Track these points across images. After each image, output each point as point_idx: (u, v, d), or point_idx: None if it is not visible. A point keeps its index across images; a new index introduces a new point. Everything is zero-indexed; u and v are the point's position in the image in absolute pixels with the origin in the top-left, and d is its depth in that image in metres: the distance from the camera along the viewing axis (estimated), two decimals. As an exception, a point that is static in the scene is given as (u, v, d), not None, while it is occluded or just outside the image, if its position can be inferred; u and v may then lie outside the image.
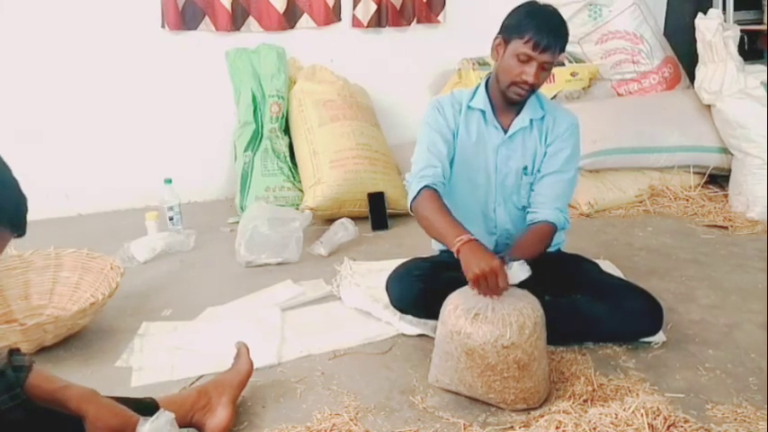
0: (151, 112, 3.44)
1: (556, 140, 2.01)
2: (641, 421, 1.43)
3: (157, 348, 2.08)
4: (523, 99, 1.94)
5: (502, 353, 1.62)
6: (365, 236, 3.02)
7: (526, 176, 2.04)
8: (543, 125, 2.02)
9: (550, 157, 2.02)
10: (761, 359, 1.90)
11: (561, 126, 2.02)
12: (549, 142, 2.02)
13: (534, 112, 2.01)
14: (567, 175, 2.03)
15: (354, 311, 2.28)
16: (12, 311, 2.26)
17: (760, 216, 3.06)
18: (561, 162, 2.01)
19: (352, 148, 3.22)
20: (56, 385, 1.25)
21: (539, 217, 1.99)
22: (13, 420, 1.18)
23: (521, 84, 1.88)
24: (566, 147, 2.02)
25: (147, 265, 2.76)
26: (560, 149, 2.01)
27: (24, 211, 0.98)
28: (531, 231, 1.98)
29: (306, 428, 1.64)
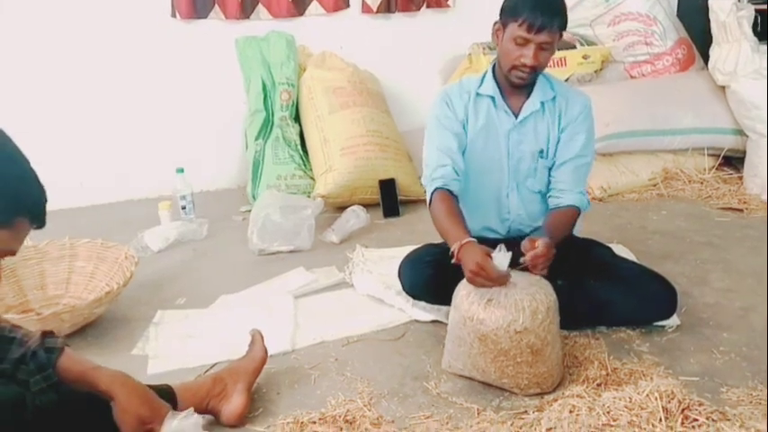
0: (162, 102, 3.44)
1: (570, 125, 2.00)
2: (655, 404, 1.42)
3: (172, 336, 2.10)
4: (527, 82, 1.92)
5: (515, 338, 1.62)
6: (377, 223, 3.02)
7: (542, 160, 2.02)
8: (555, 108, 2.00)
9: (567, 143, 2.00)
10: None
11: (574, 109, 2.00)
12: (562, 127, 2.00)
13: (544, 93, 1.99)
14: (586, 159, 2.02)
15: (367, 298, 2.29)
16: (28, 301, 2.28)
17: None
18: (579, 147, 2.00)
19: (362, 135, 3.21)
20: (86, 366, 1.26)
21: (563, 202, 1.98)
22: (46, 402, 1.20)
23: (521, 67, 1.87)
24: (581, 131, 2.00)
25: (160, 254, 2.78)
26: (576, 134, 2.00)
27: (44, 203, 0.99)
28: (558, 215, 1.97)
29: (320, 414, 1.65)
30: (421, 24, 3.79)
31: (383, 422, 1.63)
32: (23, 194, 0.95)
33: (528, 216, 2.09)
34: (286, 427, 1.61)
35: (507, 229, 2.10)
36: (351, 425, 1.62)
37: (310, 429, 1.60)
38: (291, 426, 1.62)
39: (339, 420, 1.63)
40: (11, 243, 0.95)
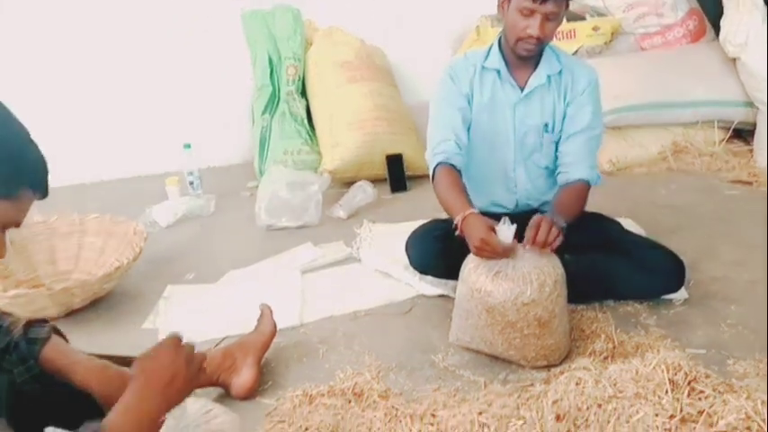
0: (170, 78, 3.44)
1: (576, 98, 1.98)
2: (662, 377, 1.43)
3: (182, 311, 2.12)
4: (534, 53, 1.90)
5: (522, 310, 1.62)
6: (384, 198, 3.02)
7: (547, 134, 2.01)
8: (561, 81, 1.98)
9: (574, 116, 1.98)
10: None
11: (580, 83, 1.98)
12: (568, 101, 1.98)
13: (551, 66, 1.97)
14: (595, 132, 2.00)
15: (374, 273, 2.30)
16: (38, 276, 2.31)
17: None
18: (587, 120, 1.98)
19: (370, 110, 3.20)
20: (67, 360, 1.22)
21: (573, 176, 1.96)
22: (30, 393, 1.18)
23: (527, 39, 1.84)
24: (588, 103, 1.98)
25: (168, 229, 2.80)
26: (583, 106, 1.98)
27: (45, 172, 0.97)
28: (568, 191, 1.95)
29: (329, 387, 1.67)
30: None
31: (391, 395, 1.65)
32: (25, 165, 0.94)
33: (536, 190, 2.08)
34: (295, 400, 1.63)
35: (515, 204, 2.10)
36: (359, 397, 1.64)
37: (319, 402, 1.61)
38: (300, 398, 1.64)
39: (347, 393, 1.65)
40: (15, 214, 0.94)
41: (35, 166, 0.95)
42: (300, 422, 1.54)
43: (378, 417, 1.54)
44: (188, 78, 3.46)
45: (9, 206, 0.92)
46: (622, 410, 1.36)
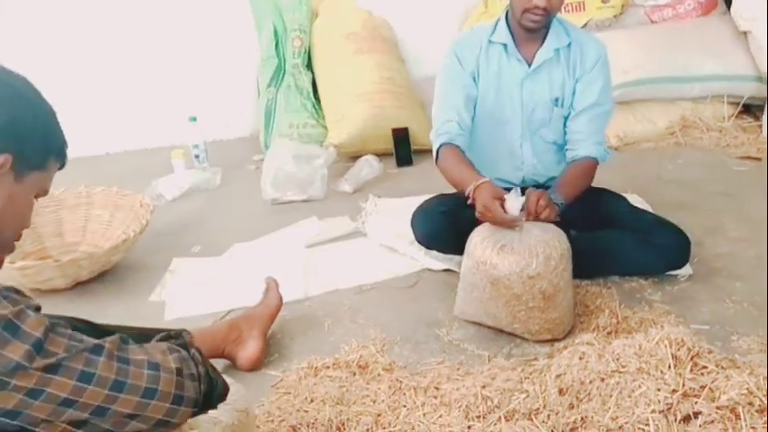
0: (175, 50, 3.41)
1: (585, 74, 1.96)
2: (665, 352, 1.43)
3: (188, 283, 2.14)
4: (541, 26, 1.87)
5: (527, 283, 1.63)
6: (390, 172, 3.02)
7: (557, 108, 1.99)
8: (570, 55, 1.96)
9: (583, 92, 1.97)
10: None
11: (589, 58, 1.96)
12: (577, 76, 1.96)
13: (559, 40, 1.94)
14: (604, 108, 1.99)
15: (380, 247, 2.30)
16: (46, 248, 2.32)
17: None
18: (595, 96, 1.96)
19: (376, 83, 3.17)
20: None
21: (580, 153, 1.96)
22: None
23: (533, 10, 1.82)
24: (597, 79, 1.96)
25: (174, 202, 2.80)
26: (592, 82, 1.96)
27: (66, 143, 1.02)
28: (574, 168, 1.95)
29: (334, 360, 1.69)
30: (436, -32, 3.68)
31: (395, 368, 1.66)
32: (52, 135, 0.98)
33: (542, 166, 2.07)
34: (300, 372, 1.65)
35: (521, 180, 2.09)
36: (363, 370, 1.66)
37: (324, 374, 1.63)
38: (306, 370, 1.65)
39: (352, 365, 1.66)
40: (46, 184, 1.00)
41: (61, 136, 1.00)
42: (306, 393, 1.56)
43: (382, 389, 1.56)
44: (194, 51, 3.44)
45: (42, 176, 0.97)
46: (625, 385, 1.37)
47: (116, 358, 0.87)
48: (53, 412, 0.82)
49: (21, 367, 0.78)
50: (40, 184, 0.98)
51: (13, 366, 0.78)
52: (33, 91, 0.97)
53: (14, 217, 0.95)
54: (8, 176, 0.91)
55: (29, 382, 0.79)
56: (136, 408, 0.88)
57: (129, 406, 0.87)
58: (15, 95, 0.92)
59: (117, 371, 0.86)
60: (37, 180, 0.96)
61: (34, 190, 0.97)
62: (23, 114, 0.92)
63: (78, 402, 0.83)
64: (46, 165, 0.97)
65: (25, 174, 0.93)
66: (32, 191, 0.97)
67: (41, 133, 0.95)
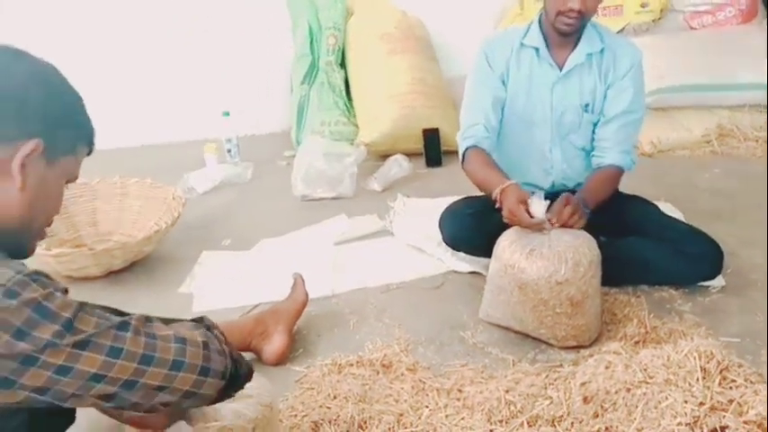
0: (209, 45, 3.46)
1: (618, 80, 1.93)
2: (693, 364, 1.41)
3: (217, 276, 2.17)
4: (574, 29, 1.85)
5: (555, 288, 1.62)
6: (419, 172, 3.02)
7: (587, 114, 1.97)
8: (603, 61, 1.94)
9: (614, 99, 1.94)
10: (825, 307, 1.84)
11: (623, 64, 1.93)
12: (610, 82, 1.94)
13: (591, 44, 1.92)
14: (634, 116, 1.96)
15: (407, 247, 2.31)
16: (80, 236, 2.37)
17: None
18: (626, 103, 1.94)
19: (408, 83, 3.17)
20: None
21: (605, 161, 1.95)
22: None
23: (567, 12, 1.79)
24: (629, 86, 1.94)
25: (206, 195, 2.84)
26: (624, 89, 1.94)
27: (94, 130, 1.04)
28: (599, 175, 1.94)
29: (358, 358, 1.70)
30: (472, -32, 3.67)
31: (419, 368, 1.66)
32: (81, 121, 1.01)
33: (572, 171, 2.05)
34: (324, 368, 1.66)
35: (551, 184, 2.07)
36: (387, 369, 1.66)
37: (348, 371, 1.64)
38: (330, 367, 1.67)
39: (376, 364, 1.67)
40: (76, 169, 1.02)
41: (89, 123, 1.02)
42: (329, 390, 1.57)
43: (405, 389, 1.56)
44: (229, 46, 3.48)
45: (73, 162, 1.00)
46: (651, 396, 1.35)
47: (143, 333, 0.89)
48: (82, 387, 0.84)
49: (51, 345, 0.81)
50: (71, 169, 1.00)
51: (43, 345, 0.80)
52: (61, 78, 0.99)
53: (46, 202, 0.97)
54: (40, 161, 0.93)
55: (58, 359, 0.81)
56: (164, 380, 0.89)
57: (157, 378, 0.89)
58: (45, 82, 0.94)
59: (144, 345, 0.88)
60: (67, 165, 0.98)
61: (65, 175, 0.99)
62: (53, 100, 0.94)
63: (107, 377, 0.85)
64: (75, 150, 0.99)
65: (56, 159, 0.95)
66: (63, 176, 0.99)
67: (71, 119, 0.98)
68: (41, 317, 0.81)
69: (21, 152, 0.89)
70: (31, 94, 0.91)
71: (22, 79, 0.91)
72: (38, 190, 0.94)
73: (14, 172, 0.90)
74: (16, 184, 0.90)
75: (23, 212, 0.94)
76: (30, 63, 0.94)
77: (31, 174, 0.92)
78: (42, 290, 0.83)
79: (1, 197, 0.91)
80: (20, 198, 0.92)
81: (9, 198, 0.92)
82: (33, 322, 0.80)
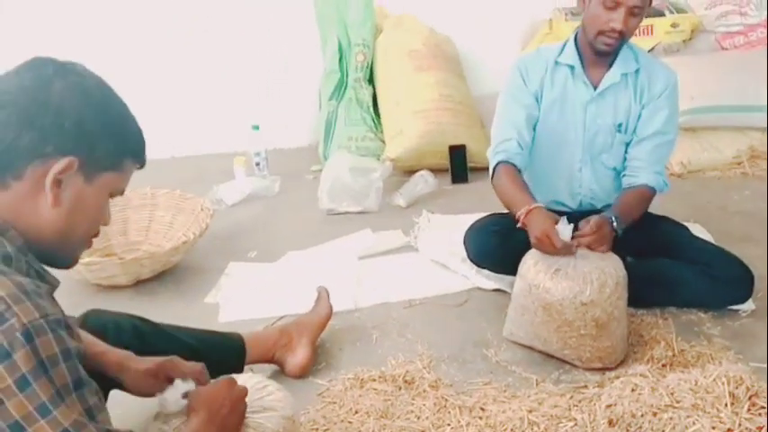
0: (241, 60, 3.51)
1: (652, 101, 1.92)
2: (722, 389, 1.39)
3: (243, 288, 2.19)
4: (613, 49, 1.84)
5: (580, 309, 1.61)
6: (444, 189, 3.02)
7: (620, 134, 1.96)
8: (638, 81, 1.93)
9: (647, 119, 1.93)
10: None
11: (658, 85, 1.92)
12: (644, 102, 1.93)
13: (627, 65, 1.92)
14: (667, 138, 1.95)
15: (431, 263, 2.30)
16: (111, 245, 2.42)
17: None
18: (660, 124, 1.93)
19: (435, 100, 3.19)
20: (99, 349, 1.26)
21: (638, 181, 1.93)
22: None
23: (608, 32, 1.79)
24: (663, 107, 1.92)
25: (234, 207, 2.87)
26: (658, 110, 1.92)
27: (144, 143, 1.03)
28: (631, 195, 1.92)
29: (380, 373, 1.70)
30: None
31: (441, 385, 1.66)
32: (129, 135, 1.00)
33: (601, 191, 2.04)
34: (347, 382, 1.67)
35: (579, 203, 2.06)
36: (409, 385, 1.66)
37: (370, 386, 1.64)
38: (352, 381, 1.67)
39: (398, 380, 1.67)
40: (120, 184, 1.01)
41: (136, 137, 1.02)
42: (351, 404, 1.57)
43: (427, 406, 1.56)
44: (259, 61, 3.54)
45: (116, 177, 0.99)
46: (678, 420, 1.33)
47: None
48: None
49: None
50: (115, 184, 0.99)
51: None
52: (106, 91, 0.98)
53: (85, 217, 0.97)
54: (77, 178, 0.92)
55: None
56: None
57: None
58: (84, 96, 0.93)
59: None
60: (110, 181, 0.97)
61: (107, 190, 0.99)
62: (92, 116, 0.93)
63: None
64: (120, 166, 0.98)
65: (96, 175, 0.95)
66: (105, 191, 0.98)
67: (113, 135, 0.96)
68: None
69: (54, 169, 0.90)
70: (69, 109, 0.91)
71: (60, 94, 0.91)
72: (75, 205, 0.94)
73: (46, 189, 0.90)
74: (48, 200, 0.91)
75: (59, 227, 0.94)
76: (72, 76, 0.94)
77: (67, 190, 0.92)
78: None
79: (37, 212, 0.92)
80: (54, 213, 0.92)
81: (44, 213, 0.92)
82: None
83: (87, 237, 1.02)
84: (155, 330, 1.48)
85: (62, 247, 0.98)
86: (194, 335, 1.55)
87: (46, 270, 0.98)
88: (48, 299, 0.89)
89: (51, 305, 0.88)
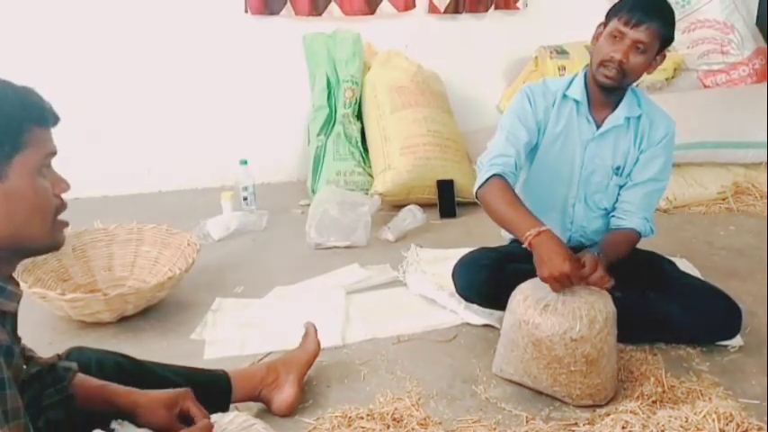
0: (229, 95, 3.53)
1: (651, 147, 1.95)
2: (712, 426, 1.38)
3: (229, 324, 2.16)
4: (614, 83, 1.84)
5: (570, 346, 1.60)
6: (433, 223, 3.02)
7: (617, 177, 1.98)
8: (639, 127, 1.95)
9: (644, 165, 1.96)
10: None
11: (658, 132, 1.95)
12: (643, 148, 1.96)
13: (631, 109, 1.94)
14: (660, 185, 1.98)
15: (419, 298, 2.29)
16: (96, 281, 2.38)
17: None
18: (655, 171, 1.95)
19: (423, 135, 3.22)
20: (99, 384, 1.25)
21: (626, 224, 1.95)
22: (54, 419, 1.18)
23: (608, 62, 1.81)
24: (660, 155, 1.96)
25: (221, 242, 2.86)
26: (655, 157, 1.95)
27: (37, 100, 0.94)
28: (617, 236, 1.94)
29: (368, 410, 1.67)
30: (488, 25, 3.76)
31: (430, 423, 1.63)
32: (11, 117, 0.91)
33: (591, 230, 2.05)
34: (334, 421, 1.64)
35: (568, 239, 2.07)
36: (398, 423, 1.63)
37: (358, 425, 1.62)
38: (339, 419, 1.64)
39: (387, 418, 1.64)
40: (40, 154, 0.93)
41: (18, 110, 0.93)
42: (339, 444, 1.54)
43: (416, 444, 1.53)
44: (247, 96, 3.56)
45: (29, 153, 0.93)
46: (669, 458, 1.32)
47: None
48: None
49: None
50: (34, 159, 0.93)
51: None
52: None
53: (25, 207, 0.92)
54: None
55: None
56: None
57: None
58: None
59: None
60: (25, 161, 0.92)
61: (28, 171, 0.92)
62: None
63: None
64: (22, 144, 0.92)
65: (2, 169, 0.90)
66: (27, 173, 0.92)
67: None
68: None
69: None
70: None
71: None
72: (5, 206, 0.90)
73: None
74: None
75: (5, 232, 0.90)
76: None
77: None
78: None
79: None
80: None
81: None
82: None
83: (47, 218, 0.96)
84: (138, 368, 1.45)
85: (26, 242, 0.94)
86: (179, 372, 1.52)
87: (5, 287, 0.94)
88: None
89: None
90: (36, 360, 1.20)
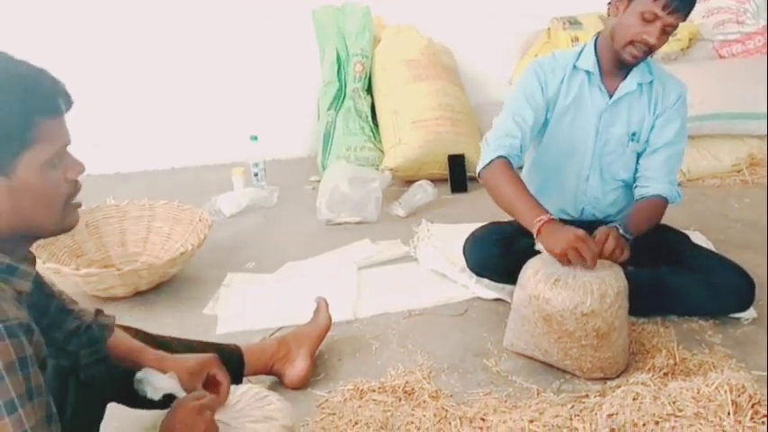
0: (240, 71, 3.52)
1: (665, 112, 1.93)
2: (724, 398, 1.38)
3: (241, 299, 2.18)
4: (637, 61, 1.83)
5: (581, 320, 1.59)
6: (444, 198, 3.01)
7: (633, 143, 1.96)
8: (652, 92, 1.93)
9: (660, 130, 1.93)
10: None
11: (671, 96, 1.93)
12: (658, 113, 1.93)
13: (642, 76, 1.91)
14: (678, 148, 1.96)
15: (430, 273, 2.30)
16: (109, 257, 2.41)
17: None
18: (672, 134, 1.93)
19: (434, 109, 3.19)
20: (134, 346, 1.27)
21: (651, 191, 1.92)
22: (95, 375, 1.22)
23: (639, 43, 1.78)
24: (675, 118, 1.93)
25: (232, 218, 2.87)
26: (670, 121, 1.93)
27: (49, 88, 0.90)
28: (644, 205, 1.91)
29: (380, 384, 1.69)
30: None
31: (441, 396, 1.65)
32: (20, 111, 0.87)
33: (605, 202, 2.03)
34: (346, 393, 1.65)
35: (581, 212, 2.05)
36: (409, 396, 1.65)
37: (369, 397, 1.63)
38: (351, 392, 1.66)
39: (398, 390, 1.66)
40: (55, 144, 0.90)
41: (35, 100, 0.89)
42: (350, 416, 1.56)
43: (427, 416, 1.55)
44: (257, 72, 3.54)
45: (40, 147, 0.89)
46: (680, 429, 1.32)
47: None
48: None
49: None
50: (45, 154, 0.89)
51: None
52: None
53: (37, 200, 0.90)
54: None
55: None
56: None
57: None
58: None
59: None
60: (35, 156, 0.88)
61: (38, 164, 0.89)
62: None
63: None
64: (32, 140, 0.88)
65: (8, 165, 0.87)
66: (37, 168, 0.89)
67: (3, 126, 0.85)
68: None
69: None
70: None
71: None
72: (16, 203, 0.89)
73: None
74: None
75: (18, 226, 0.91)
76: None
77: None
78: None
79: None
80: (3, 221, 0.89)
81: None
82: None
83: (56, 208, 0.94)
84: (152, 342, 1.47)
85: (35, 231, 0.94)
86: (192, 346, 1.54)
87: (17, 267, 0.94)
88: (10, 302, 0.87)
89: (14, 309, 0.85)
90: (76, 313, 1.22)
